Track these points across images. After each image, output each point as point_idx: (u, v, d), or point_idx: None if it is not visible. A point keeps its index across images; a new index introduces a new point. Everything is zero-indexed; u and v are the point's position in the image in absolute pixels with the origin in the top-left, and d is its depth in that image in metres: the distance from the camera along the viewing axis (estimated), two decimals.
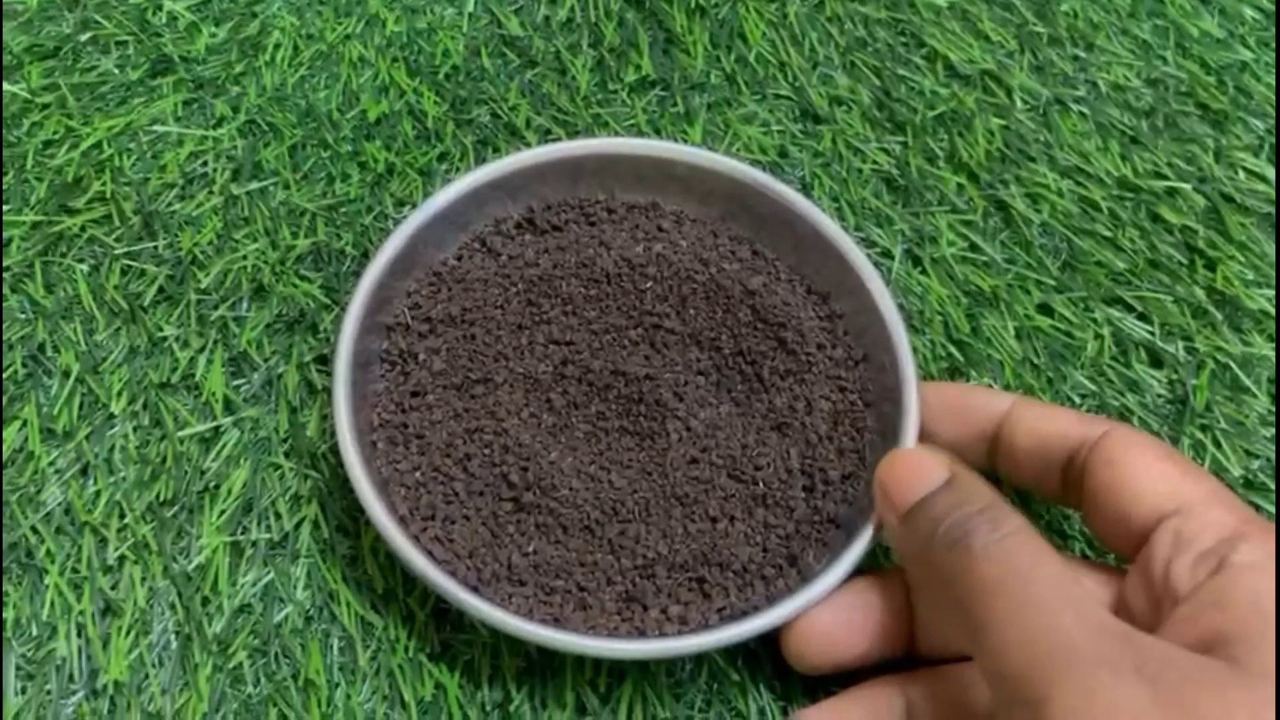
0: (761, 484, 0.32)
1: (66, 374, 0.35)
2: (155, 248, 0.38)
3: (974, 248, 0.40)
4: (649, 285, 0.35)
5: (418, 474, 0.32)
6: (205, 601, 0.32)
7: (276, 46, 0.43)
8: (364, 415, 0.33)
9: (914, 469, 0.28)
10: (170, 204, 0.39)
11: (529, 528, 0.32)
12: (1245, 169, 0.43)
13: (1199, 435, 0.37)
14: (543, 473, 0.32)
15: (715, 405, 0.34)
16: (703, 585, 0.31)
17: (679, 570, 0.31)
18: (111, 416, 0.35)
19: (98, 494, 0.33)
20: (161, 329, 0.36)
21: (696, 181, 0.36)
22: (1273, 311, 0.39)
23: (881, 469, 0.30)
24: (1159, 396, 0.37)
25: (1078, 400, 0.37)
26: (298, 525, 0.33)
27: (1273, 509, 0.35)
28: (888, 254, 0.40)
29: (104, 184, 0.39)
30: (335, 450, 0.34)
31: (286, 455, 0.34)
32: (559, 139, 0.41)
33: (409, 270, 0.35)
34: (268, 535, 0.33)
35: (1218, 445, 0.36)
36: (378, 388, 0.34)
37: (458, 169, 0.40)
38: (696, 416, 0.33)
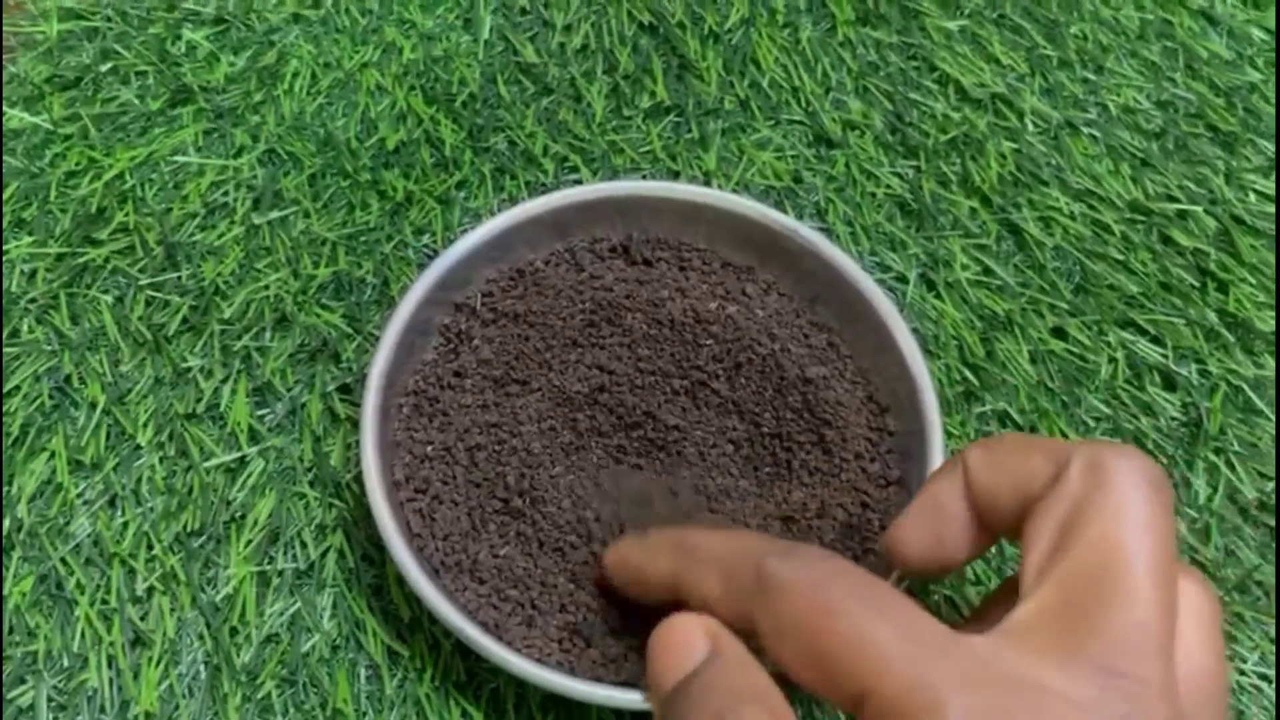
0: None
1: (93, 405, 0.35)
2: (178, 278, 0.38)
3: (988, 271, 0.40)
4: (709, 343, 0.35)
5: (428, 448, 0.33)
6: (233, 632, 0.32)
7: (294, 75, 0.43)
8: (403, 379, 0.34)
9: (670, 646, 0.25)
10: (192, 234, 0.39)
11: (509, 532, 0.32)
12: (1255, 191, 0.43)
13: (1213, 458, 0.37)
14: (538, 484, 0.33)
15: (735, 477, 0.34)
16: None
17: (630, 618, 0.31)
18: (138, 447, 0.35)
19: (125, 525, 0.34)
20: (186, 359, 0.36)
21: (800, 259, 0.36)
22: None
23: (651, 638, 0.26)
24: (1173, 420, 0.38)
25: (1092, 424, 0.37)
26: (323, 554, 0.34)
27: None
28: (902, 278, 0.40)
29: (127, 214, 0.39)
30: (359, 480, 0.35)
31: (311, 484, 0.35)
32: (575, 167, 0.42)
33: (496, 260, 0.36)
34: (294, 565, 0.33)
35: (1231, 468, 0.37)
36: (427, 358, 0.35)
37: (476, 197, 0.41)
38: (712, 479, 0.33)
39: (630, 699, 0.29)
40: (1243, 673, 0.34)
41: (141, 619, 0.32)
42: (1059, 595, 0.21)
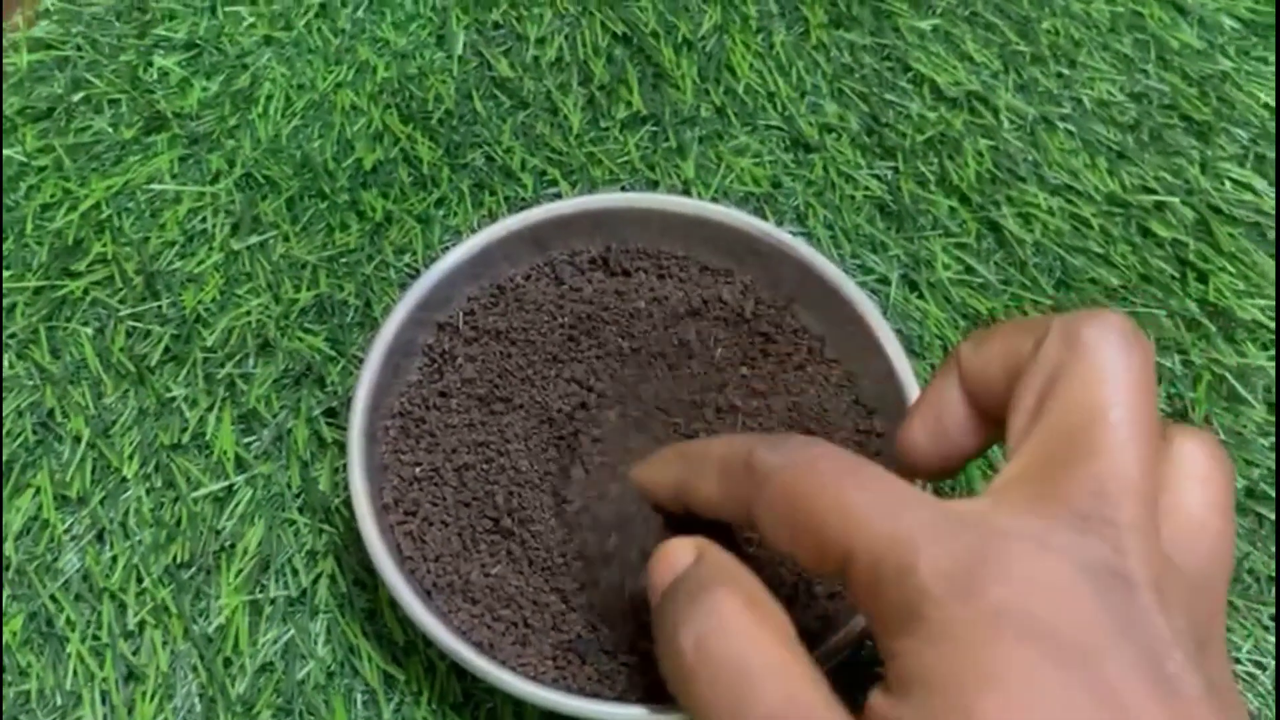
0: None
1: (77, 439, 0.35)
2: (159, 307, 0.38)
3: (969, 270, 0.41)
4: (686, 359, 0.35)
5: (416, 469, 0.33)
6: (227, 663, 0.32)
7: (268, 98, 0.43)
8: (389, 400, 0.34)
9: (664, 558, 0.26)
10: (171, 262, 0.39)
11: (499, 551, 0.32)
12: (1231, 179, 0.43)
13: None
14: (527, 503, 0.33)
15: None
16: (645, 656, 0.31)
17: (624, 635, 0.31)
18: (124, 480, 0.35)
19: (114, 559, 0.34)
20: (169, 389, 0.36)
21: (779, 263, 0.36)
22: (1265, 321, 0.40)
23: (649, 561, 0.27)
24: (1159, 410, 0.38)
25: None
26: (315, 581, 0.34)
27: (1274, 517, 0.36)
28: (885, 280, 0.40)
29: (104, 245, 0.39)
30: (348, 504, 0.34)
31: (300, 511, 0.35)
32: (554, 180, 0.42)
33: (477, 277, 0.36)
34: (286, 592, 0.33)
35: None
36: (412, 379, 0.35)
37: (455, 214, 0.41)
38: None
39: (628, 713, 0.29)
40: (1238, 660, 0.34)
41: (134, 654, 0.32)
42: (1037, 455, 0.22)
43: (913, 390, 0.34)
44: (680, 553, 0.26)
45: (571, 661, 0.31)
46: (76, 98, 0.43)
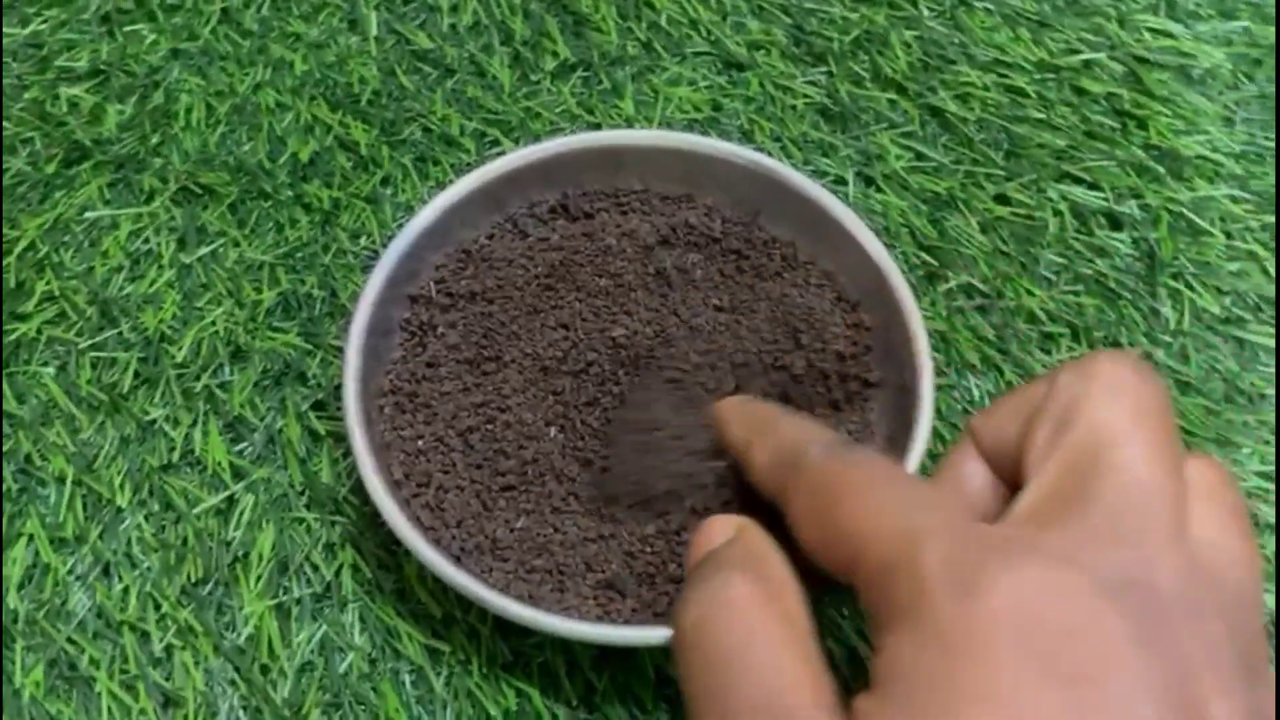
0: None
1: (62, 479, 0.34)
2: (119, 333, 0.37)
3: (920, 156, 0.41)
4: (664, 287, 0.35)
5: (419, 442, 0.33)
6: (265, 669, 0.31)
7: (188, 110, 0.42)
8: (376, 381, 0.33)
9: (704, 532, 0.26)
10: (122, 287, 0.38)
11: (520, 505, 0.32)
12: (1149, 29, 0.44)
13: (1172, 283, 0.38)
14: (540, 452, 0.32)
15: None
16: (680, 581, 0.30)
17: (657, 564, 0.31)
18: (120, 511, 0.34)
19: (126, 590, 0.32)
20: (148, 412, 0.35)
21: (735, 178, 0.36)
22: (1209, 155, 0.41)
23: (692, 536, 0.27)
24: (1127, 256, 0.39)
25: (1053, 277, 0.38)
26: (337, 573, 0.33)
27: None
28: (841, 180, 0.40)
29: (48, 283, 0.37)
30: (357, 492, 0.34)
31: (308, 507, 0.34)
32: (496, 140, 0.41)
33: (440, 245, 0.35)
34: (310, 590, 0.32)
35: (1191, 288, 0.38)
36: (395, 355, 0.34)
37: (403, 190, 0.40)
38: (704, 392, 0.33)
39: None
40: (1245, 477, 0.35)
41: (166, 679, 0.31)
42: (1058, 474, 0.21)
43: (893, 275, 0.34)
44: (719, 529, 0.25)
45: (613, 599, 0.31)
46: None
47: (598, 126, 0.41)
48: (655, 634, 0.28)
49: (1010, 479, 0.24)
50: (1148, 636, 0.18)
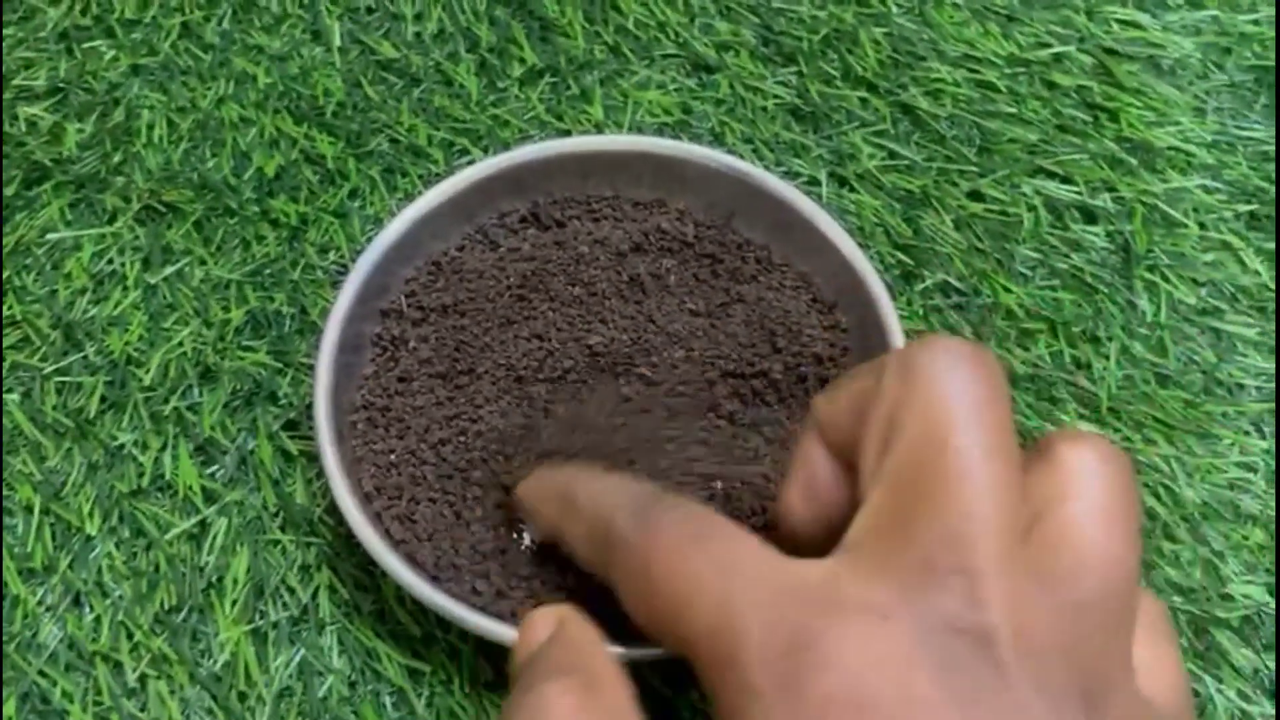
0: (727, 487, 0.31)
1: (29, 508, 0.33)
2: (84, 357, 0.36)
3: (892, 155, 0.41)
4: (639, 294, 0.35)
5: (391, 456, 0.32)
6: (242, 697, 0.31)
7: (150, 127, 0.41)
8: (348, 397, 0.33)
9: (526, 629, 0.25)
10: (86, 310, 0.37)
11: (498, 517, 0.31)
12: (1117, 20, 0.44)
13: (1148, 275, 0.38)
14: (513, 463, 0.32)
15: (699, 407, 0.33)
16: None
17: None
18: (89, 539, 0.33)
19: (98, 620, 0.32)
20: (115, 437, 0.34)
21: (707, 181, 0.36)
22: (1180, 145, 0.41)
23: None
24: (1102, 249, 0.39)
25: (1028, 273, 0.38)
26: (314, 595, 0.32)
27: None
28: (814, 181, 0.40)
29: (10, 307, 0.37)
30: (332, 512, 0.33)
31: (282, 529, 0.33)
32: (465, 150, 0.40)
33: (410, 258, 0.35)
34: (287, 613, 0.32)
35: (1167, 280, 0.38)
36: (367, 371, 0.34)
37: (371, 203, 0.39)
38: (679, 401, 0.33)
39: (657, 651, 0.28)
40: (1226, 468, 0.35)
41: (141, 710, 0.30)
42: (886, 500, 0.20)
43: (869, 275, 0.34)
44: (541, 625, 0.24)
45: (596, 614, 0.30)
46: None
47: (567, 133, 0.41)
48: (636, 650, 0.28)
49: (854, 466, 0.23)
50: (968, 694, 0.17)
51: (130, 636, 0.31)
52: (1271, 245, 0.39)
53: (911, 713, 0.17)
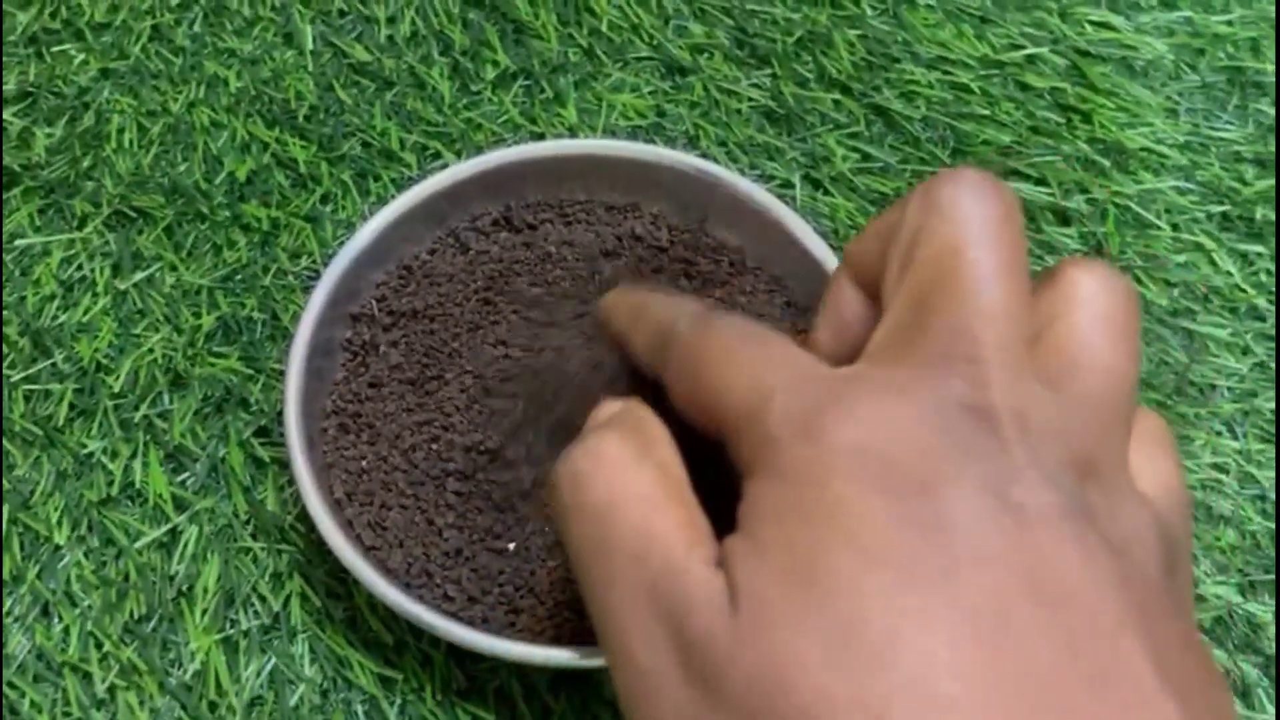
0: None
1: None
2: (53, 364, 0.36)
3: (866, 157, 0.41)
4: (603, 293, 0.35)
5: (363, 462, 0.32)
6: (213, 706, 0.30)
7: (120, 131, 0.41)
8: (320, 403, 0.33)
9: (596, 413, 0.26)
10: (55, 316, 0.37)
11: (469, 523, 0.31)
12: (1090, 22, 0.44)
13: None
14: (484, 469, 0.32)
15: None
16: None
17: None
18: (58, 548, 0.33)
19: (66, 630, 0.31)
20: (84, 445, 0.34)
21: (680, 185, 0.36)
22: (1153, 146, 0.41)
23: None
24: (1074, 251, 0.39)
25: None
26: (285, 603, 0.32)
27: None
28: (788, 184, 0.40)
29: None
30: (303, 519, 0.33)
31: (253, 537, 0.33)
32: (437, 153, 0.40)
33: (381, 262, 0.35)
34: (258, 621, 0.32)
35: (1140, 282, 0.38)
36: (338, 376, 0.34)
37: (343, 207, 0.39)
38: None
39: None
40: (1198, 469, 0.35)
41: None
42: (904, 308, 0.21)
43: None
44: (607, 408, 0.25)
45: (569, 619, 0.30)
46: None
47: (541, 136, 0.41)
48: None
49: (881, 299, 0.25)
50: (970, 449, 0.19)
51: (99, 646, 0.31)
52: (1243, 246, 0.39)
53: (916, 459, 0.19)
